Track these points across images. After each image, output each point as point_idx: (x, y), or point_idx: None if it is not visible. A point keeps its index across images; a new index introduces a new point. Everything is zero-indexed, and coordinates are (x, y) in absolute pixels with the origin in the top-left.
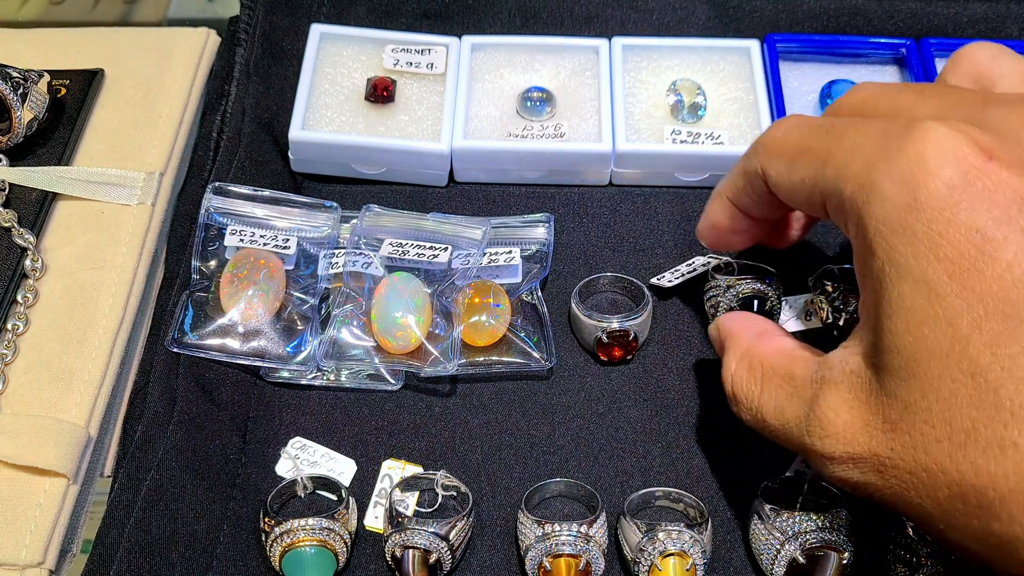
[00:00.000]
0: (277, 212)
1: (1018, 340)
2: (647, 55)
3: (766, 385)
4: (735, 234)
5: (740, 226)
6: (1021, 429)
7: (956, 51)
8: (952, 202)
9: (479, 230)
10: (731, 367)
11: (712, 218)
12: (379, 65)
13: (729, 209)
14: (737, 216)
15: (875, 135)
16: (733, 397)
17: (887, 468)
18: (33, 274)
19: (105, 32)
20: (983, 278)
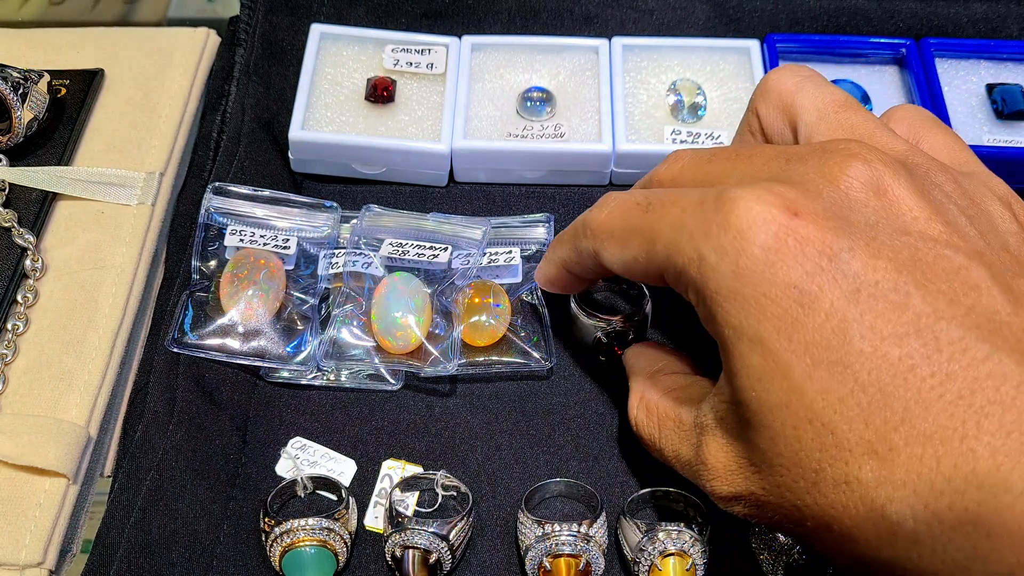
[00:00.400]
0: (277, 212)
1: (844, 383)
2: (647, 55)
3: (662, 429)
4: (572, 287)
5: (575, 284)
6: (860, 464)
7: (764, 78)
8: (769, 263)
9: (479, 230)
10: (632, 409)
11: (548, 276)
12: (379, 65)
13: (562, 273)
14: (570, 277)
15: (692, 208)
16: (639, 437)
17: (763, 504)
18: (33, 274)
19: (105, 32)
20: (806, 330)
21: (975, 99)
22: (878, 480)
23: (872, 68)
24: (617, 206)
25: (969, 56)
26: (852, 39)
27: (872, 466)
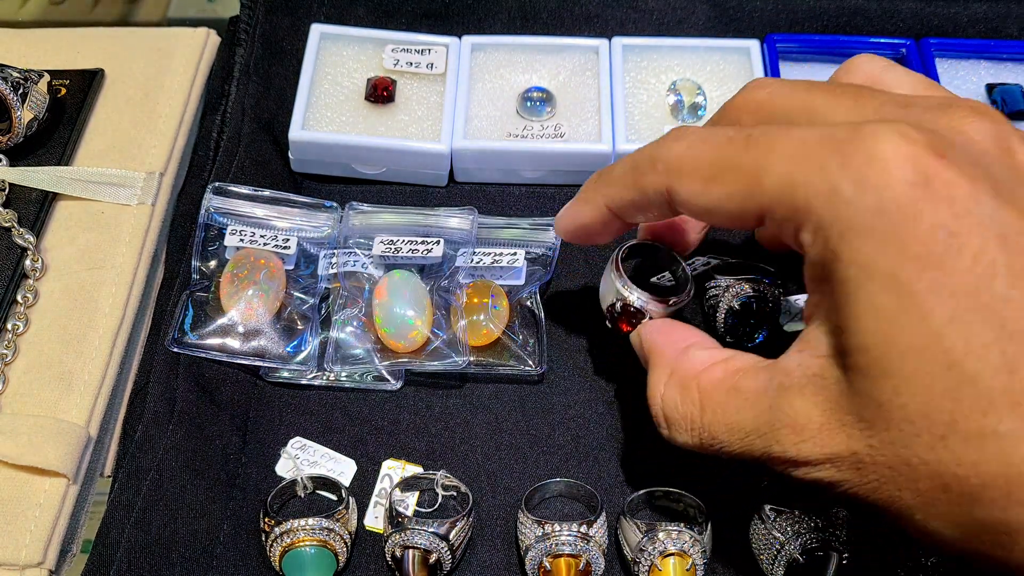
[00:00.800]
0: (277, 212)
1: (991, 329)
2: (647, 55)
3: (707, 405)
4: (602, 235)
5: (613, 228)
6: (1000, 417)
7: (847, 61)
8: (914, 200)
9: (464, 219)
10: (659, 389)
11: (580, 219)
12: (379, 65)
13: (604, 215)
14: (612, 220)
15: (818, 141)
16: (665, 420)
17: (866, 465)
18: (33, 274)
19: (105, 32)
20: (952, 272)
21: (976, 99)
22: (1019, 434)
23: None
24: (701, 140)
25: (969, 56)
26: (852, 39)
27: (1014, 419)
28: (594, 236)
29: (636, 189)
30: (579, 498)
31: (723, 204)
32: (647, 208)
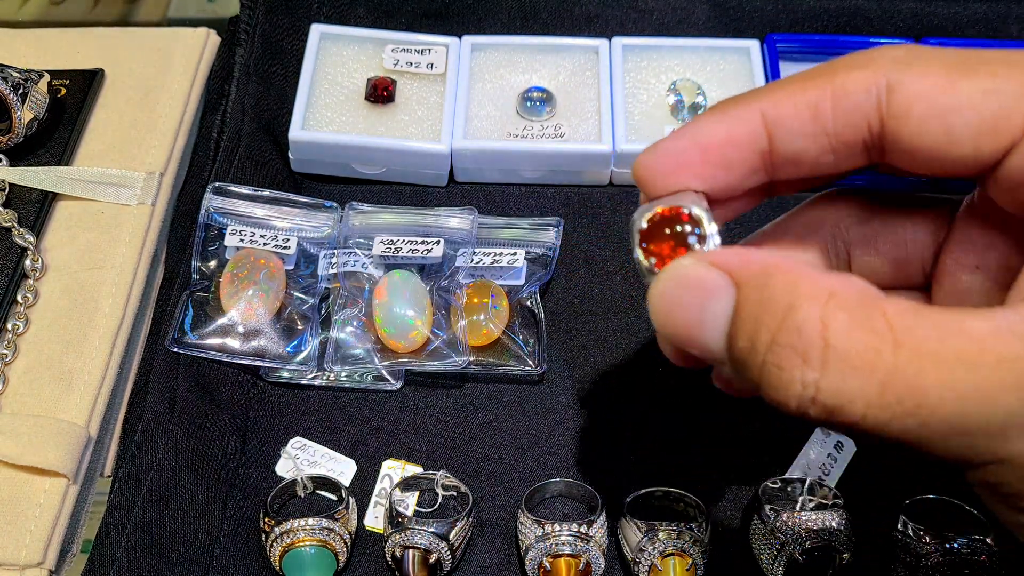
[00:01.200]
0: (277, 212)
1: None
2: (647, 55)
3: (907, 341)
4: (730, 181)
5: (750, 172)
6: None
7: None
8: None
9: (464, 219)
10: (810, 311)
11: (707, 136)
12: (379, 65)
13: (753, 140)
14: (756, 157)
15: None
16: (822, 356)
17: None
18: (33, 274)
19: (105, 32)
20: None
21: None
22: None
23: None
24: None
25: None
26: (852, 39)
27: None
28: (703, 173)
29: (828, 92)
30: (579, 498)
31: (975, 117)
32: (829, 136)
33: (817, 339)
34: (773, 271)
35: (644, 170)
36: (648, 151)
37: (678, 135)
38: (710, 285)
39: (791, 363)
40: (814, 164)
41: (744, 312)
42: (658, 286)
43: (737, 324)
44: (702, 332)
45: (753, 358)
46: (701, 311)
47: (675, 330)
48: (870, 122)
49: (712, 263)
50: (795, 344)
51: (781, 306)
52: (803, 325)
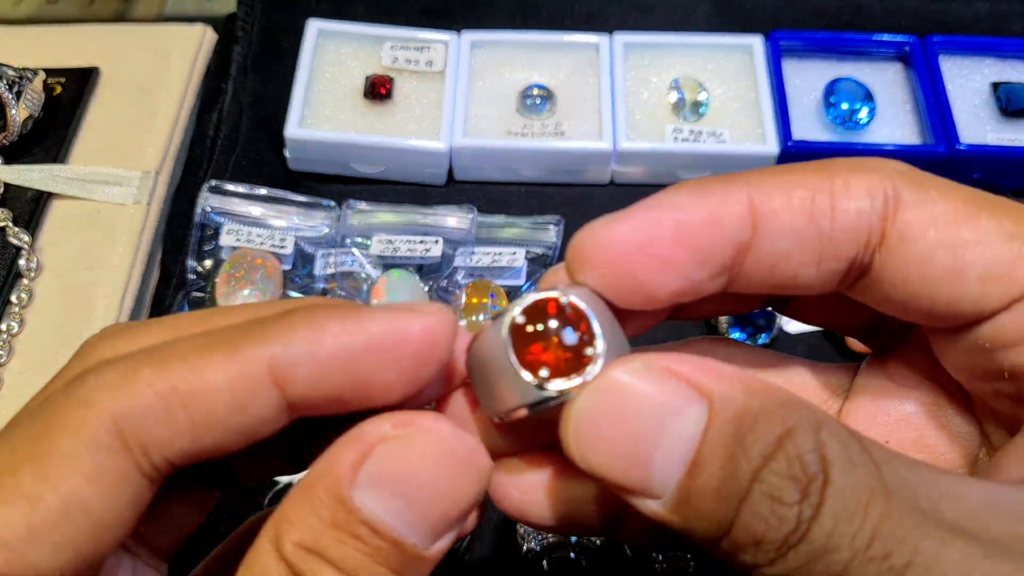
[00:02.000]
0: (274, 211)
1: None
2: (648, 53)
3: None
4: (681, 270)
5: (723, 267)
6: None
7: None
8: None
9: (464, 217)
10: (805, 440)
11: (685, 212)
12: (377, 63)
13: (736, 219)
14: (733, 250)
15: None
16: (804, 488)
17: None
18: (29, 274)
19: (101, 29)
20: None
21: (979, 97)
22: None
23: (875, 65)
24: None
25: (973, 53)
26: (855, 36)
27: None
28: (686, 273)
29: (828, 189)
30: None
31: (993, 257)
32: (822, 242)
33: (819, 472)
34: (754, 386)
35: (589, 251)
36: (600, 225)
37: (645, 207)
38: (674, 400)
39: (790, 496)
40: (787, 276)
41: (722, 435)
42: (588, 404)
43: (708, 450)
44: (650, 464)
45: (728, 491)
46: (657, 435)
47: (611, 466)
48: (870, 235)
49: (669, 371)
50: (797, 475)
51: (776, 427)
52: (804, 453)
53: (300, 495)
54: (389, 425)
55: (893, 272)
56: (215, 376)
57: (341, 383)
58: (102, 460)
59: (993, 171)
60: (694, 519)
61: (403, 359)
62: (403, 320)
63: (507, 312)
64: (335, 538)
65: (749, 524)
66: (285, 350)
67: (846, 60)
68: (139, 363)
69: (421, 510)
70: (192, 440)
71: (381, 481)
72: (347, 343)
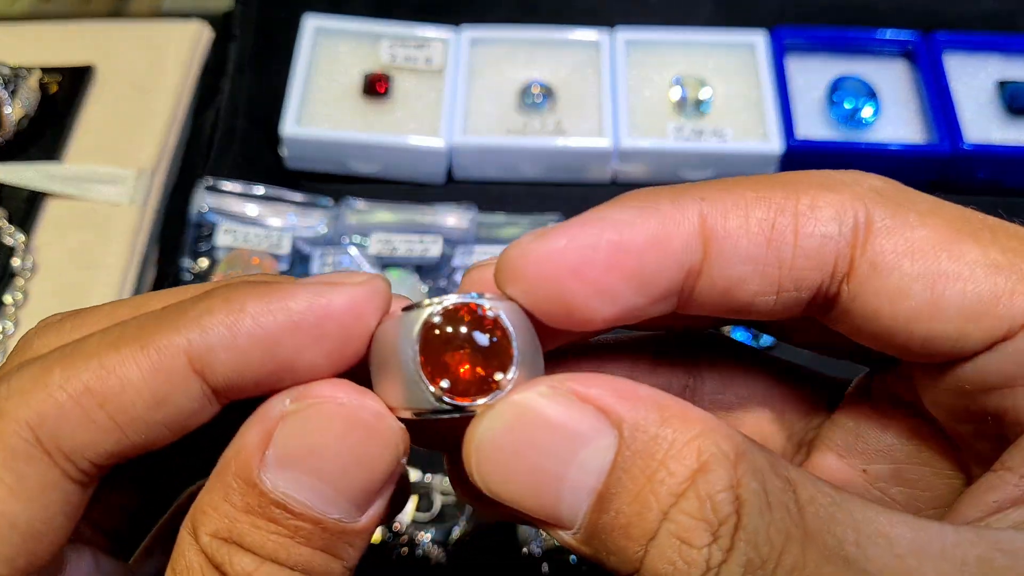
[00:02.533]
0: (271, 210)
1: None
2: (650, 50)
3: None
4: (614, 295)
5: (673, 284)
6: None
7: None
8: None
9: (459, 216)
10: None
11: (624, 232)
12: (376, 60)
13: (684, 241)
14: (683, 267)
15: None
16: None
17: None
18: (24, 274)
19: (98, 26)
20: None
21: (985, 95)
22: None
23: (880, 62)
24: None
25: (979, 51)
26: (859, 32)
27: None
28: (641, 289)
29: (791, 211)
30: None
31: (974, 292)
32: (782, 270)
33: (732, 513)
34: (670, 413)
35: (518, 267)
36: (530, 240)
37: (579, 224)
38: (582, 428)
39: (700, 539)
40: (743, 303)
41: (631, 467)
42: (492, 428)
43: (616, 483)
44: (558, 495)
45: (636, 529)
46: (564, 465)
47: (517, 494)
48: (837, 264)
49: (578, 395)
50: (708, 517)
51: (688, 462)
52: (716, 493)
53: (213, 482)
54: (288, 400)
55: (863, 305)
56: (129, 371)
57: (264, 366)
58: (21, 470)
59: (998, 170)
60: (604, 553)
61: (327, 337)
62: (325, 295)
63: (423, 309)
64: (250, 524)
65: (657, 566)
66: (201, 337)
67: (850, 57)
68: (50, 364)
69: (335, 483)
70: (116, 440)
71: (288, 459)
72: (266, 324)
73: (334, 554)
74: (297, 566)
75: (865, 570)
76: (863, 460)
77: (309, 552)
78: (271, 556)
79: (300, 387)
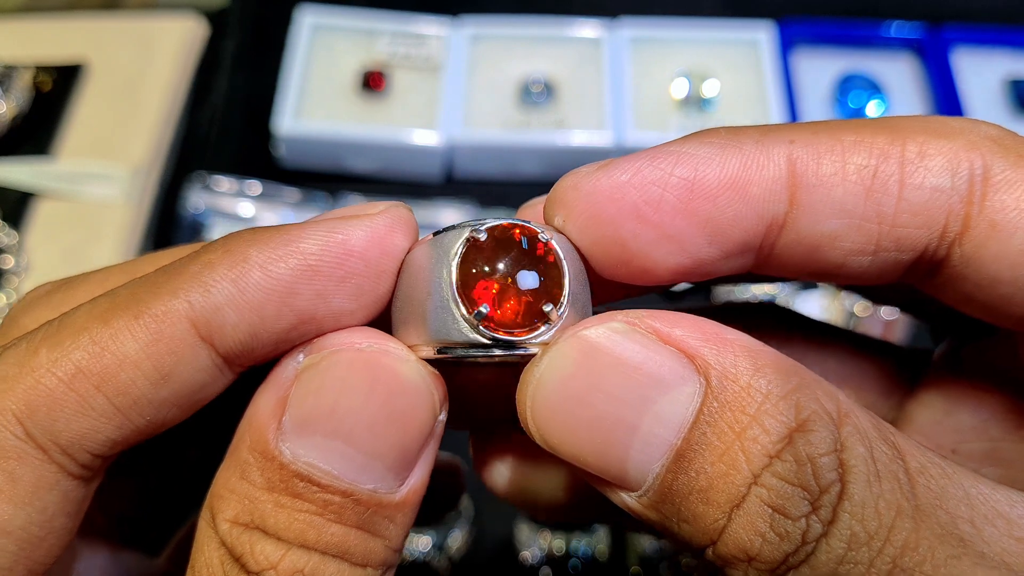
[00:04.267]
0: (266, 208)
1: None
2: (654, 45)
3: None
4: (681, 243)
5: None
6: None
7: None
8: None
9: (458, 214)
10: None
11: (698, 169)
12: (373, 56)
13: (769, 185)
14: (746, 218)
15: None
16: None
17: None
18: (18, 273)
19: (91, 21)
20: None
21: (992, 91)
22: None
23: (886, 56)
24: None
25: (987, 44)
26: (866, 25)
27: None
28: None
29: (896, 158)
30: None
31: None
32: (882, 226)
33: (836, 481)
34: (763, 361)
35: (572, 201)
36: (589, 171)
37: (647, 157)
38: (662, 372)
39: (797, 509)
40: (832, 264)
41: (717, 421)
42: (554, 368)
43: (699, 439)
44: (627, 450)
45: (720, 493)
46: (637, 415)
47: (578, 447)
48: (949, 221)
49: (659, 335)
50: (808, 483)
51: (786, 418)
52: (818, 456)
53: (228, 460)
54: (301, 355)
55: (978, 270)
56: (125, 345)
57: (281, 321)
58: (12, 469)
59: None
60: (675, 520)
61: (350, 277)
62: (341, 230)
63: (463, 228)
64: (273, 503)
65: (741, 537)
66: (204, 297)
67: (856, 50)
68: (36, 344)
69: (364, 446)
70: (118, 426)
71: (307, 423)
72: (278, 272)
73: (373, 532)
74: (329, 549)
75: (982, 553)
76: (954, 439)
77: (343, 531)
78: (298, 540)
79: (318, 339)
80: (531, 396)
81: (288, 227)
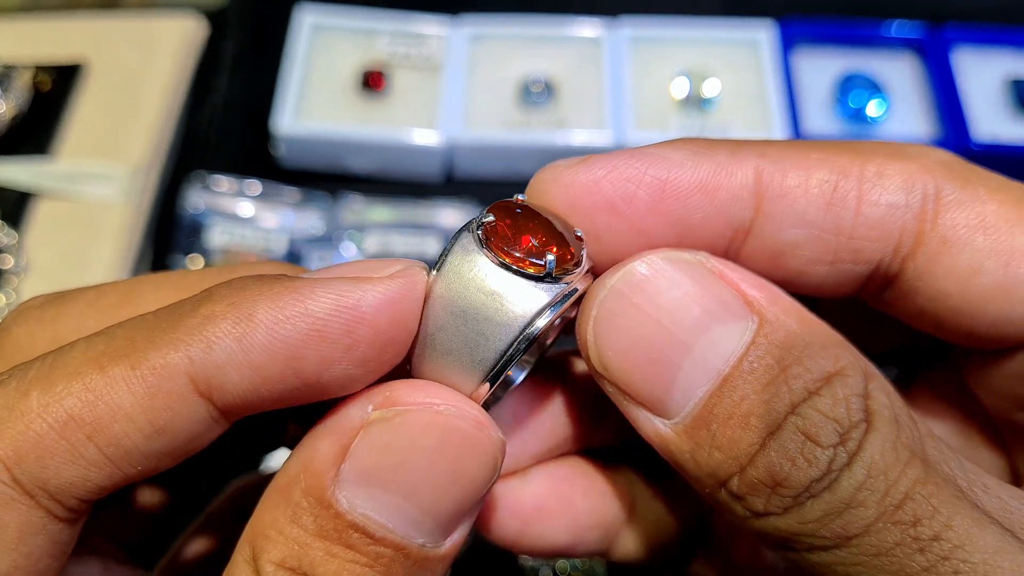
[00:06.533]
0: (266, 208)
1: None
2: (654, 45)
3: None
4: (652, 236)
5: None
6: None
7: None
8: None
9: (457, 213)
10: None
11: (671, 171)
12: (373, 56)
13: (735, 192)
14: (714, 220)
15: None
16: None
17: None
18: (18, 273)
19: (91, 20)
20: None
21: (994, 91)
22: None
23: (887, 56)
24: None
25: (988, 44)
26: (868, 25)
27: None
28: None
29: (856, 175)
30: None
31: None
32: (840, 238)
33: (863, 420)
34: (807, 318)
35: (548, 194)
36: (565, 166)
37: (624, 155)
38: (717, 304)
39: (828, 438)
40: (792, 271)
41: (765, 356)
42: (616, 292)
43: (748, 369)
44: (675, 372)
45: (759, 419)
46: (691, 340)
47: (629, 370)
48: (903, 237)
49: (719, 273)
50: (840, 417)
51: (826, 363)
52: (852, 396)
53: (276, 501)
54: (371, 407)
55: (929, 284)
56: (119, 397)
57: (284, 383)
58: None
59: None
60: (707, 447)
61: (360, 345)
62: (353, 293)
63: (466, 227)
64: (324, 551)
65: (773, 461)
66: (206, 354)
67: (857, 50)
68: (27, 386)
69: (424, 504)
70: (108, 474)
71: (370, 476)
72: (284, 335)
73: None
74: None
75: (977, 506)
76: None
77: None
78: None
79: (381, 389)
80: (596, 306)
81: (297, 283)
